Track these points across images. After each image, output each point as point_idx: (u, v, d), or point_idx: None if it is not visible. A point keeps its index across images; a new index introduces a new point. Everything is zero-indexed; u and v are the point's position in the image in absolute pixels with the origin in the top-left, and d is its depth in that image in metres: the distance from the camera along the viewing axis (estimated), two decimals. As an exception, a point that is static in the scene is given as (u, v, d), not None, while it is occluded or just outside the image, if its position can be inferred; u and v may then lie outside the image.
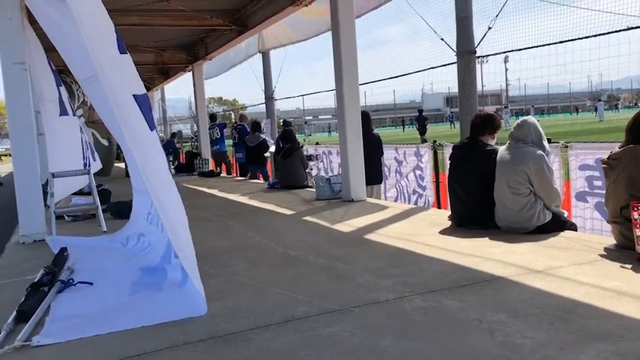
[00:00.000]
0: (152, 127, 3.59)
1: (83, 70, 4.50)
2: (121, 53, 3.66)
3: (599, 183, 5.32)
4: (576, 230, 4.52)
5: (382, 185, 8.21)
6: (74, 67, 4.78)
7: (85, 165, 7.13)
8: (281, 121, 14.42)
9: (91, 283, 3.61)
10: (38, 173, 5.65)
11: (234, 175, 13.39)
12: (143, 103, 3.58)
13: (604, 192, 4.00)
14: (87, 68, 4.10)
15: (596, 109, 46.95)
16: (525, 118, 4.64)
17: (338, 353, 2.35)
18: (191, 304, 2.99)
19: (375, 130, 8.08)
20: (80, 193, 7.32)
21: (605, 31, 6.44)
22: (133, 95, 3.51)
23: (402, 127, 61.93)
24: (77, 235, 5.56)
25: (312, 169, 9.55)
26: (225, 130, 13.90)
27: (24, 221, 5.54)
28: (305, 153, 9.36)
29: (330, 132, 62.97)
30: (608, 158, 3.74)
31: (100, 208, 6.14)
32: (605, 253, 3.62)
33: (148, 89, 20.55)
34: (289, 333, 2.61)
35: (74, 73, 4.98)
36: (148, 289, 3.36)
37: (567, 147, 5.75)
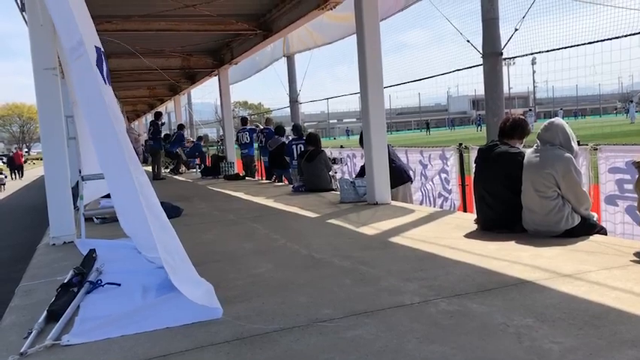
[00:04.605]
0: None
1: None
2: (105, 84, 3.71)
3: (630, 186, 5.21)
4: (606, 234, 4.42)
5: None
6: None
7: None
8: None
9: (119, 284, 3.67)
10: (68, 176, 5.76)
11: (260, 178, 13.47)
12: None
13: (635, 195, 3.92)
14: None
15: (627, 111, 45.96)
16: (553, 119, 4.56)
17: (362, 356, 2.34)
18: (205, 307, 3.00)
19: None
20: (109, 195, 7.44)
21: (637, 31, 6.30)
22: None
23: (427, 129, 61.54)
24: (105, 237, 5.65)
25: (336, 173, 9.54)
26: (254, 135, 14.02)
27: (54, 223, 5.66)
28: (329, 156, 9.36)
29: (348, 135, 62.98)
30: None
31: (127, 210, 6.23)
32: (636, 257, 3.53)
33: (175, 93, 20.80)
34: (313, 335, 2.61)
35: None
36: (174, 291, 3.39)
37: (596, 149, 5.64)
